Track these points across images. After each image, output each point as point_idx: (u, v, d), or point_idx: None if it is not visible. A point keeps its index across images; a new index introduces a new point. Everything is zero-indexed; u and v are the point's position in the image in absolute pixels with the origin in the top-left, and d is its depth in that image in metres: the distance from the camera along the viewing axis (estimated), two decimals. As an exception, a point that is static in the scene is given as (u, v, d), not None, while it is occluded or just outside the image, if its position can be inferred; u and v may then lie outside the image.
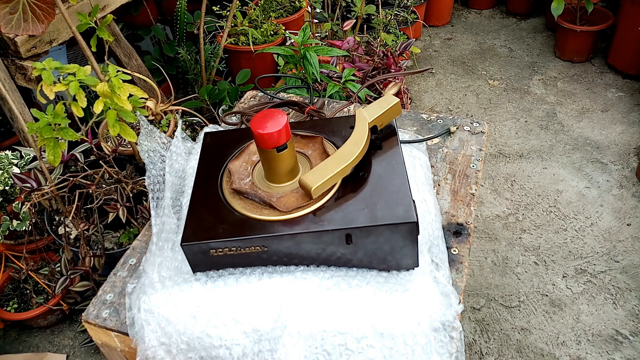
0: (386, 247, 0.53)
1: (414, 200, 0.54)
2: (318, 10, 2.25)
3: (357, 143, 0.58)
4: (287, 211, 0.55)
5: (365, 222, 0.52)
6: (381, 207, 0.53)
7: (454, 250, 0.66)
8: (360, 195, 0.56)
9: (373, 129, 0.61)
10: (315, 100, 1.00)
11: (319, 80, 1.26)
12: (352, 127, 0.61)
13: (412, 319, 0.53)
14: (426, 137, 0.87)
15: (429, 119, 0.92)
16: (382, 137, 0.63)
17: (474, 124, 0.90)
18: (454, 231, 0.69)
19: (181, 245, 0.54)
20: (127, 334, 0.59)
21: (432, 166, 0.81)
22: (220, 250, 0.54)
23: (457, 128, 0.89)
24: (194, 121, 1.81)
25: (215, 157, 0.65)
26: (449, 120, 0.91)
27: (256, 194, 0.58)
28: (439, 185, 0.77)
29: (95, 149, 1.23)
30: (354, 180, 0.58)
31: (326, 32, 2.17)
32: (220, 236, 0.54)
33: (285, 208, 0.55)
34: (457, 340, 0.53)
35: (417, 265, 0.56)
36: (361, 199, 0.55)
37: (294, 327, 0.53)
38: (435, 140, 0.87)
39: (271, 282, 0.56)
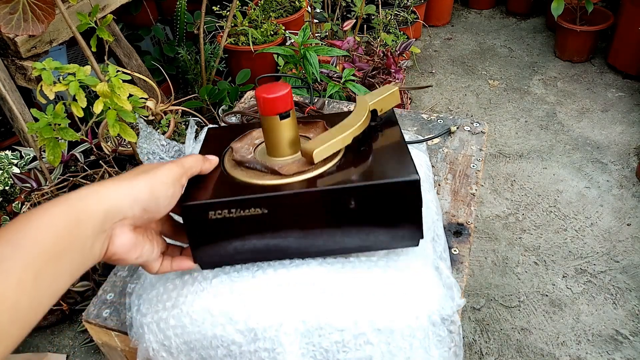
0: (389, 210, 0.53)
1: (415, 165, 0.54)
2: (318, 10, 2.25)
3: (357, 114, 0.59)
4: (289, 175, 0.55)
5: (367, 181, 0.52)
6: (384, 169, 0.54)
7: (455, 250, 0.66)
8: (362, 163, 0.56)
9: (373, 113, 0.62)
10: (316, 100, 1.00)
11: (319, 80, 1.26)
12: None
13: (411, 313, 0.53)
14: (427, 137, 0.87)
15: (429, 119, 0.92)
16: (382, 123, 0.63)
17: (474, 124, 0.90)
18: (455, 231, 0.69)
19: (181, 205, 0.53)
20: (127, 334, 0.59)
21: (432, 166, 0.81)
22: (220, 212, 0.53)
23: (457, 128, 0.89)
24: (194, 121, 1.81)
25: (217, 142, 0.65)
26: (450, 121, 0.91)
27: (258, 162, 0.58)
28: (439, 185, 0.77)
29: (95, 149, 1.23)
30: (356, 152, 0.58)
31: (326, 32, 2.17)
32: (220, 196, 0.53)
33: (287, 172, 0.55)
34: (456, 334, 0.53)
35: (422, 237, 0.54)
36: (364, 165, 0.56)
37: (291, 325, 0.53)
38: (436, 141, 0.87)
39: (266, 278, 0.56)
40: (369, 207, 0.53)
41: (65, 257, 0.39)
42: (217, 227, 0.53)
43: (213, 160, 0.56)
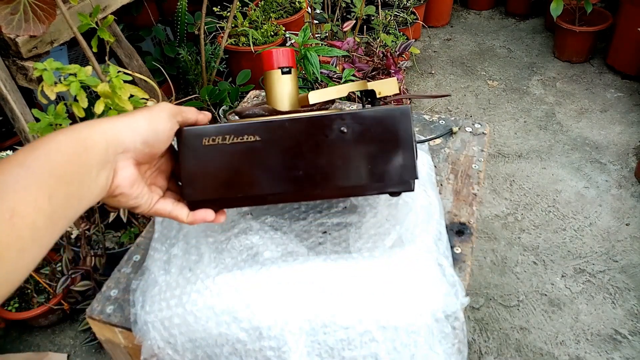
0: (380, 141, 0.52)
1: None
2: (318, 11, 2.25)
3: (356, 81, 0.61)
4: (286, 112, 0.57)
5: (358, 110, 0.53)
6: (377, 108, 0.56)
7: (457, 249, 0.67)
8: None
9: (371, 93, 0.62)
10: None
11: (319, 80, 1.26)
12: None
13: (415, 310, 0.53)
14: (428, 137, 0.87)
15: (431, 120, 0.93)
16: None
17: (476, 125, 0.90)
18: (457, 230, 0.70)
19: (176, 133, 0.52)
20: (131, 330, 0.59)
21: (434, 166, 0.81)
22: (214, 138, 0.52)
23: (459, 129, 0.90)
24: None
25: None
26: (451, 122, 0.92)
27: (256, 108, 0.59)
28: (441, 185, 0.78)
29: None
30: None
31: (326, 32, 2.18)
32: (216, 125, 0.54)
33: (285, 110, 0.58)
34: (460, 330, 0.54)
35: (417, 177, 0.53)
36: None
37: (295, 323, 0.53)
38: (437, 141, 0.87)
39: (269, 276, 0.56)
40: (360, 136, 0.52)
41: (74, 182, 0.40)
42: (210, 155, 0.53)
43: (208, 114, 0.57)
